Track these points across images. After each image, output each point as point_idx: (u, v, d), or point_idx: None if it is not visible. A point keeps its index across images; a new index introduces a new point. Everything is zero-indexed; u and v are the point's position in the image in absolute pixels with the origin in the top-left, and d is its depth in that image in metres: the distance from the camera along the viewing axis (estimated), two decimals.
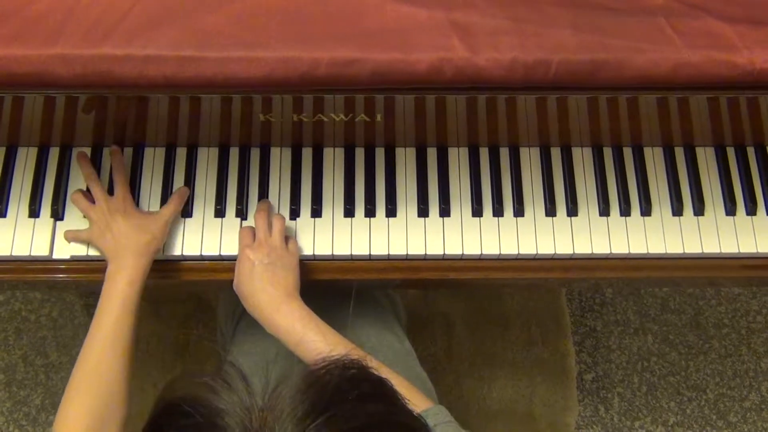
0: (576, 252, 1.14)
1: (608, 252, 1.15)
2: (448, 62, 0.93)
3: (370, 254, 1.14)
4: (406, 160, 1.19)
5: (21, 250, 1.12)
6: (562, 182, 1.18)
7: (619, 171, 1.19)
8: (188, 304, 1.87)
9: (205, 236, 1.14)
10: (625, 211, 1.16)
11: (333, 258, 1.15)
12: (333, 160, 1.18)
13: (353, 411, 0.64)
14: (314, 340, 1.00)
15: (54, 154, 1.17)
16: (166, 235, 1.12)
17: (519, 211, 1.16)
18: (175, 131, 1.15)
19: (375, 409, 0.67)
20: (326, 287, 1.23)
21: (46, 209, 1.14)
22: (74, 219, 1.14)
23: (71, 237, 1.13)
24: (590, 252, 1.14)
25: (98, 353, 1.00)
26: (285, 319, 1.03)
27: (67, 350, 1.92)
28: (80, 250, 1.12)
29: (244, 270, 1.07)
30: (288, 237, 1.12)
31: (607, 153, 1.20)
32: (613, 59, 0.94)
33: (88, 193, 1.13)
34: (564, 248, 1.14)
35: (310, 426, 0.61)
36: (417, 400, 0.92)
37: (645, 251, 1.15)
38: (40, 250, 1.12)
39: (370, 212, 1.15)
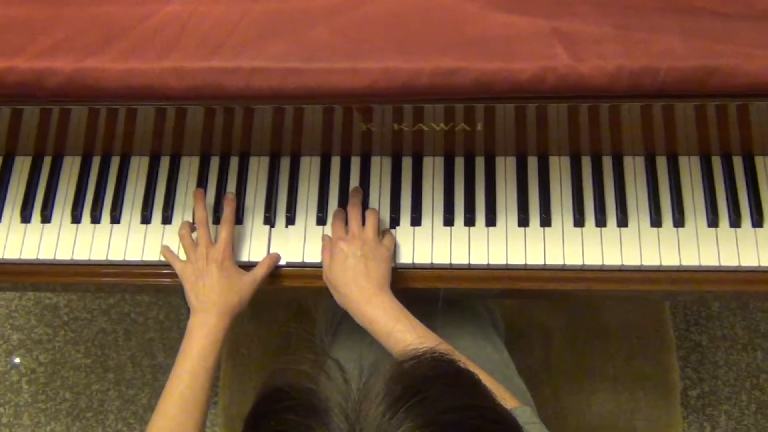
0: (683, 264, 1.11)
1: (717, 264, 1.11)
2: (551, 71, 0.92)
3: (469, 263, 1.14)
4: (506, 169, 1.18)
5: (133, 254, 1.17)
6: (668, 192, 1.15)
7: (728, 180, 1.15)
8: (289, 309, 1.90)
9: (307, 244, 1.16)
10: (735, 222, 1.12)
11: (432, 267, 1.15)
12: (433, 169, 1.19)
13: (441, 398, 0.65)
14: (403, 331, 1.01)
15: (165, 163, 1.22)
16: (252, 297, 1.11)
17: (623, 221, 1.13)
18: (280, 141, 1.18)
19: (462, 398, 0.68)
20: (423, 296, 1.23)
21: (157, 216, 1.19)
22: (179, 223, 1.18)
23: (167, 256, 1.15)
24: (698, 264, 1.11)
25: (173, 411, 1.01)
26: (375, 310, 1.04)
27: (173, 352, 1.98)
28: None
29: (337, 262, 1.09)
30: (385, 231, 1.13)
31: (716, 162, 1.16)
32: (724, 66, 0.91)
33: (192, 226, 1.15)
34: (670, 260, 1.11)
35: (400, 410, 0.62)
36: (503, 398, 0.91)
37: (756, 264, 1.10)
38: (152, 255, 1.17)
39: (469, 221, 1.15)
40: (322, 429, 0.63)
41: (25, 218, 1.20)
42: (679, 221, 1.13)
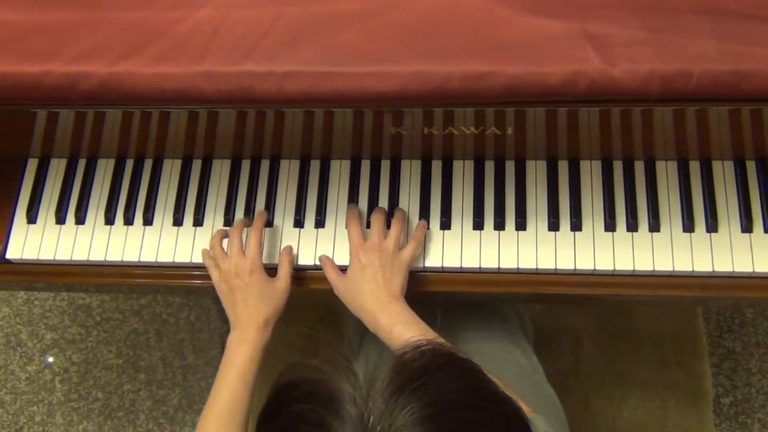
0: (716, 270, 1.10)
1: (751, 270, 1.09)
2: (583, 74, 0.91)
3: (498, 267, 1.14)
4: (536, 172, 1.18)
5: (165, 256, 1.19)
6: (701, 197, 1.14)
7: (763, 185, 1.13)
8: (317, 312, 1.90)
9: (337, 246, 1.17)
10: None
11: (461, 270, 1.15)
12: (463, 172, 1.19)
13: (444, 382, 0.68)
14: (416, 338, 1.01)
15: (197, 166, 1.23)
16: (287, 301, 1.13)
17: (654, 226, 1.12)
18: (310, 144, 1.19)
19: (464, 381, 0.71)
20: (453, 299, 1.23)
21: (188, 218, 1.20)
22: (211, 226, 1.19)
23: (207, 262, 1.15)
24: (731, 270, 1.09)
25: (214, 426, 1.04)
26: (389, 319, 1.05)
27: (203, 353, 2.00)
28: None
29: (354, 271, 1.10)
30: (407, 244, 1.13)
31: (750, 166, 1.15)
32: (759, 69, 0.90)
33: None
34: (703, 265, 1.10)
35: (404, 393, 0.66)
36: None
37: None
38: (183, 256, 1.18)
39: (499, 225, 1.15)
40: (333, 415, 0.66)
41: (60, 220, 1.22)
42: (712, 226, 1.12)
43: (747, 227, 1.11)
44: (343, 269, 1.14)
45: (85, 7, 1.01)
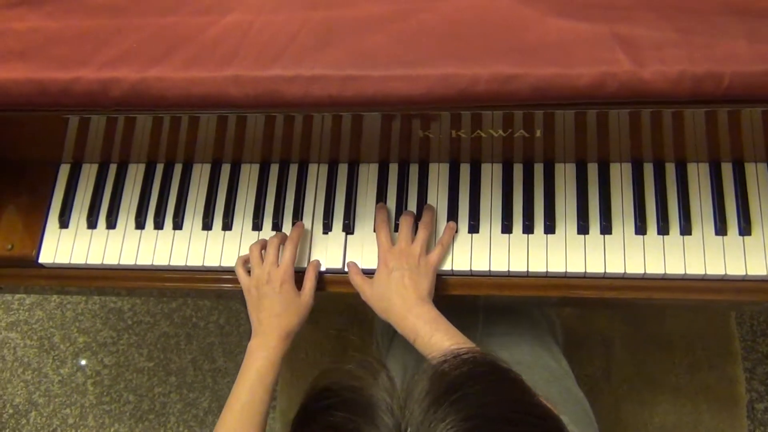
0: (749, 273, 1.08)
1: None
2: (612, 76, 0.90)
3: (527, 271, 1.13)
4: (565, 175, 1.17)
5: (194, 260, 1.20)
6: (734, 199, 1.12)
7: None
8: (345, 315, 1.91)
9: (365, 250, 1.17)
10: None
11: (490, 274, 1.14)
12: (491, 175, 1.18)
13: (484, 394, 0.66)
14: (442, 339, 1.02)
15: (225, 170, 1.24)
16: (309, 314, 1.15)
17: (686, 229, 1.11)
18: (338, 148, 1.19)
19: (505, 393, 0.69)
20: (483, 303, 1.22)
21: (217, 222, 1.21)
22: (239, 230, 1.20)
23: (239, 270, 1.16)
24: (765, 274, 1.08)
25: (233, 425, 1.05)
26: (416, 320, 1.05)
27: (232, 356, 2.02)
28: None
29: (381, 274, 1.11)
30: (435, 247, 1.13)
31: None
32: None
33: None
34: (735, 269, 1.08)
35: (443, 405, 0.64)
36: None
37: None
38: (212, 260, 1.19)
39: (528, 228, 1.14)
40: (369, 425, 0.64)
41: (92, 224, 1.23)
42: (745, 230, 1.10)
43: None
44: (369, 274, 1.14)
45: (114, 13, 1.02)
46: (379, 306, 1.10)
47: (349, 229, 1.18)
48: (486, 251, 1.14)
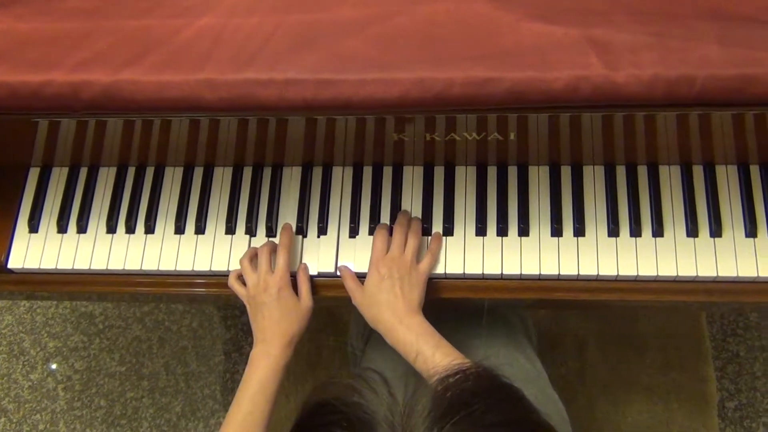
0: (720, 275, 1.09)
1: (755, 275, 1.09)
2: (585, 80, 0.91)
3: (501, 273, 1.13)
4: (539, 178, 1.17)
5: (167, 264, 1.19)
6: (705, 201, 1.13)
7: (766, 189, 1.13)
8: (320, 318, 1.90)
9: (340, 253, 1.16)
10: None
11: (464, 277, 1.14)
12: (465, 178, 1.18)
13: (488, 413, 0.65)
14: (430, 353, 1.01)
15: (198, 173, 1.23)
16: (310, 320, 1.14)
17: (658, 231, 1.12)
18: (312, 151, 1.18)
19: (510, 412, 0.68)
20: (456, 306, 1.22)
21: (190, 226, 1.20)
22: (212, 234, 1.19)
23: (232, 282, 1.15)
24: (735, 275, 1.09)
25: None
26: (405, 332, 1.05)
27: (205, 360, 2.00)
28: (221, 265, 1.17)
29: (373, 282, 1.10)
30: (423, 255, 1.13)
31: (754, 171, 1.14)
32: (764, 74, 0.89)
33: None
34: (707, 271, 1.09)
35: (447, 424, 0.63)
36: None
37: None
38: (185, 265, 1.18)
39: (502, 231, 1.14)
40: None
41: (62, 228, 1.21)
42: (716, 231, 1.11)
43: (751, 232, 1.10)
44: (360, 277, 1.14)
45: (86, 16, 1.01)
46: (368, 313, 1.10)
47: (323, 232, 1.18)
48: (460, 254, 1.15)
